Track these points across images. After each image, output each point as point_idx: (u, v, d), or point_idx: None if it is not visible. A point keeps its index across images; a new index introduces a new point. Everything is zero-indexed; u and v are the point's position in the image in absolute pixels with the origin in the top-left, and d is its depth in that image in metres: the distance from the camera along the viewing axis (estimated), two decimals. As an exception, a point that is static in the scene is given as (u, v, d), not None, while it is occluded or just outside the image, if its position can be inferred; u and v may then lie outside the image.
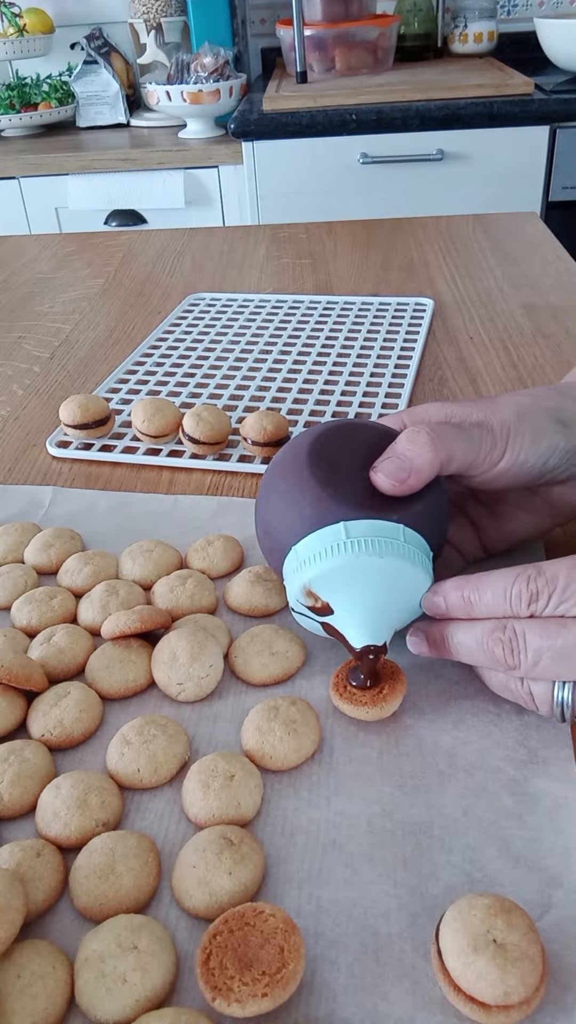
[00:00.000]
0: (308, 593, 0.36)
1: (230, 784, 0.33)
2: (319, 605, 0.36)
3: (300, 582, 0.36)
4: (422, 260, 0.93)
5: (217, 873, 0.30)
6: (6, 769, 0.35)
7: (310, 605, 0.37)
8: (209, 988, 0.27)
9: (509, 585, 0.34)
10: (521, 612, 0.33)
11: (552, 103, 1.66)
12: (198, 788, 0.33)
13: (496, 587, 0.34)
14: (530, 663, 0.33)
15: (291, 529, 0.37)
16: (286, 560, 0.37)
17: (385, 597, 0.36)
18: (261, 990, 0.26)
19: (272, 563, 0.40)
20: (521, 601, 0.33)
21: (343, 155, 1.73)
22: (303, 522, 0.36)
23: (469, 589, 0.35)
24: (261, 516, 0.39)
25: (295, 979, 0.27)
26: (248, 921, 0.28)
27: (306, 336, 0.76)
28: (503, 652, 0.33)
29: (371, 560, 0.35)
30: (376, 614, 0.36)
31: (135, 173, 1.83)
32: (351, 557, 0.35)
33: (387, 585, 0.36)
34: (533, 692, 0.34)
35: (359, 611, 0.36)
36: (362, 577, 0.35)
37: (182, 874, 0.31)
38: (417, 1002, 0.27)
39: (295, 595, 0.37)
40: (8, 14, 1.96)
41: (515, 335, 0.75)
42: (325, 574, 0.35)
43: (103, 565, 0.46)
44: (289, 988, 0.26)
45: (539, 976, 0.26)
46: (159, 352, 0.74)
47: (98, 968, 0.28)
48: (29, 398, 0.69)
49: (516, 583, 0.33)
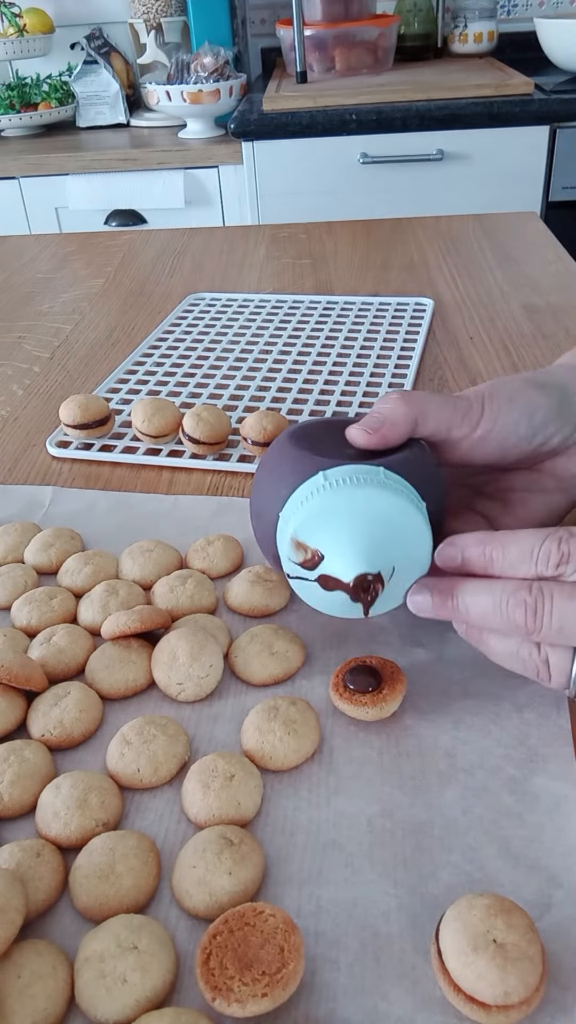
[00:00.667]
0: (297, 546, 0.36)
1: (230, 784, 0.33)
2: (310, 556, 0.36)
3: (288, 537, 0.36)
4: (422, 260, 0.93)
5: (217, 873, 0.30)
6: (6, 769, 0.35)
7: (302, 560, 0.36)
8: (209, 988, 0.27)
9: (538, 544, 0.32)
10: (547, 573, 0.32)
11: (552, 103, 1.66)
12: (198, 788, 0.33)
13: (523, 545, 0.33)
14: (554, 629, 0.31)
15: (276, 496, 0.37)
16: (277, 532, 0.37)
17: (374, 530, 0.35)
18: (261, 990, 0.26)
19: (266, 550, 0.40)
20: (549, 561, 0.32)
21: (343, 155, 1.73)
22: (286, 484, 0.37)
23: (493, 545, 0.33)
24: (252, 506, 0.40)
25: (295, 979, 0.27)
26: (248, 921, 0.28)
27: (306, 336, 0.76)
28: (525, 615, 0.32)
29: (352, 493, 0.35)
30: (366, 546, 0.35)
31: (135, 173, 1.83)
32: (331, 495, 0.35)
33: (374, 519, 0.35)
34: (551, 661, 0.33)
35: (347, 546, 0.36)
36: (346, 514, 0.35)
37: (182, 874, 0.31)
38: (417, 1002, 0.27)
39: (287, 555, 0.37)
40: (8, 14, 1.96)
41: (515, 335, 0.75)
42: (309, 519, 0.35)
43: (103, 565, 0.46)
44: (289, 988, 0.26)
45: (539, 976, 0.26)
46: (159, 352, 0.74)
47: (98, 968, 0.28)
48: (29, 398, 0.69)
49: (547, 542, 0.32)
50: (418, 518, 0.35)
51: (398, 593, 0.37)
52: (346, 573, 0.36)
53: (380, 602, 0.37)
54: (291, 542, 0.36)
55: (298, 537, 0.36)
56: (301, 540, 0.36)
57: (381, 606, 0.37)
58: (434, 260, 0.93)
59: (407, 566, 0.36)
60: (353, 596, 0.36)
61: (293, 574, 0.37)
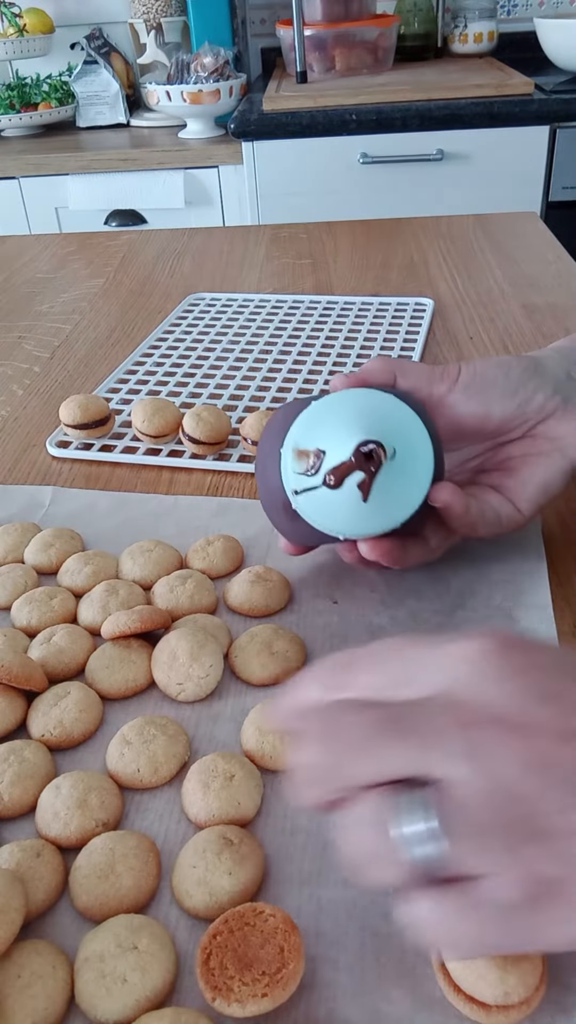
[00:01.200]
0: (299, 455, 0.38)
1: (230, 784, 0.33)
2: (312, 459, 0.37)
3: (290, 454, 0.38)
4: (422, 260, 0.93)
5: (217, 873, 0.30)
6: (6, 769, 0.35)
7: (306, 468, 0.38)
8: (209, 988, 0.27)
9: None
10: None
11: (552, 103, 1.66)
12: (198, 788, 0.33)
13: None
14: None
15: (276, 441, 0.40)
16: (281, 469, 0.39)
17: (367, 415, 0.38)
18: (261, 990, 0.26)
19: (274, 513, 0.41)
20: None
21: (343, 155, 1.73)
22: (283, 427, 0.39)
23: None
24: (258, 478, 0.42)
25: (295, 979, 0.27)
26: (248, 921, 0.28)
27: (306, 336, 0.76)
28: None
29: (342, 394, 0.39)
30: (360, 423, 0.37)
31: (135, 173, 1.83)
32: (322, 402, 0.39)
33: (364, 409, 0.38)
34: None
35: (343, 429, 0.37)
36: (339, 409, 0.38)
37: (182, 874, 0.31)
38: (417, 1002, 0.27)
39: (292, 472, 0.38)
40: (8, 14, 1.96)
41: (515, 335, 0.75)
42: (305, 425, 0.38)
43: (103, 565, 0.46)
44: (289, 988, 0.26)
45: (539, 976, 0.26)
46: (159, 352, 0.74)
47: (98, 968, 0.28)
48: (29, 398, 0.69)
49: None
50: (407, 410, 0.38)
51: (402, 493, 0.38)
52: (346, 450, 0.37)
53: (384, 496, 0.37)
54: (293, 454, 0.38)
55: (298, 446, 0.38)
56: (301, 447, 0.38)
57: (386, 506, 0.38)
58: (434, 260, 0.93)
59: (407, 455, 0.37)
60: (358, 466, 0.37)
61: (300, 489, 0.38)
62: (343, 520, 0.38)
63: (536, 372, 0.43)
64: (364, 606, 0.44)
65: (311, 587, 0.45)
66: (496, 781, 0.24)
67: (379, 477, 0.37)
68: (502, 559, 0.46)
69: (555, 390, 0.43)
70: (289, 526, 0.41)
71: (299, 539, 0.43)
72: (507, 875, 0.23)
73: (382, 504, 0.37)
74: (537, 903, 0.23)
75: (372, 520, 0.38)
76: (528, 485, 0.43)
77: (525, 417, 0.43)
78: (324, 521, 0.38)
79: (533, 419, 0.43)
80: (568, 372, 0.44)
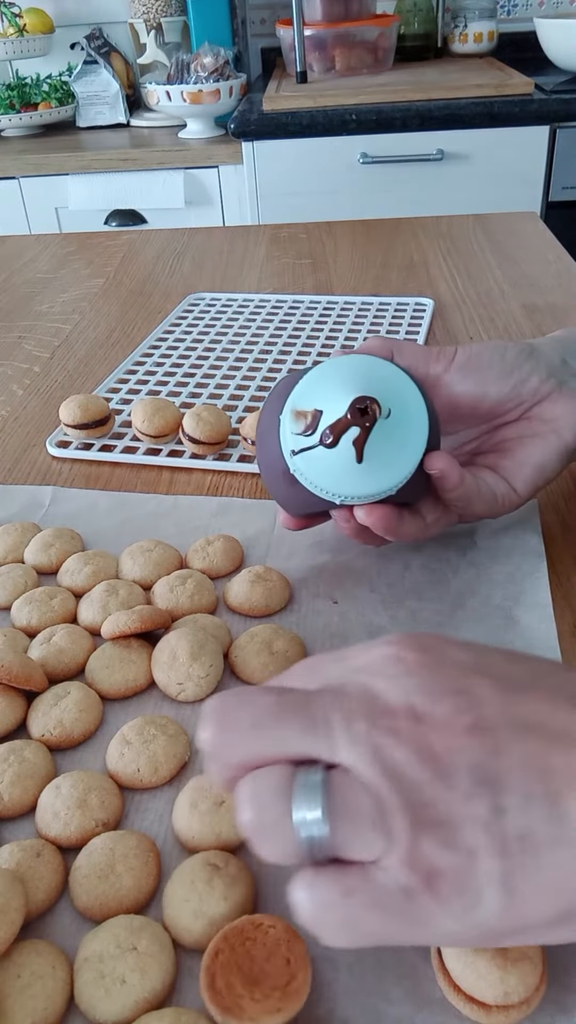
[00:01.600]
0: (297, 415, 0.39)
1: (218, 810, 0.33)
2: (309, 418, 0.38)
3: (288, 416, 0.39)
4: (422, 260, 0.93)
5: (212, 901, 0.29)
6: (6, 769, 0.35)
7: (303, 428, 0.38)
8: (221, 1010, 0.26)
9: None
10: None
11: (552, 103, 1.66)
12: (186, 806, 0.33)
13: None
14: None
15: (275, 411, 0.40)
16: (280, 435, 0.40)
17: (362, 376, 0.38)
18: (275, 1004, 0.26)
19: (273, 485, 0.42)
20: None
21: (343, 155, 1.73)
22: (284, 394, 0.40)
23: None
24: (258, 449, 0.43)
25: (305, 988, 0.26)
26: (249, 936, 0.28)
27: (306, 336, 0.76)
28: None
29: (338, 359, 0.40)
30: (355, 382, 0.38)
31: (135, 173, 1.83)
32: (320, 367, 0.40)
33: (360, 371, 0.39)
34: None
35: (339, 388, 0.38)
36: (336, 372, 0.39)
37: (176, 910, 0.29)
38: (417, 1002, 0.27)
39: (290, 433, 0.39)
40: (8, 14, 1.96)
41: (515, 335, 0.75)
42: (303, 388, 0.39)
43: (103, 565, 0.46)
44: (301, 999, 0.26)
45: (539, 976, 0.26)
46: (159, 352, 0.74)
47: (97, 969, 0.28)
48: (29, 398, 0.69)
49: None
50: (403, 375, 0.39)
51: (397, 454, 0.38)
52: (342, 407, 0.38)
53: (379, 458, 0.38)
54: (291, 415, 0.39)
55: (296, 407, 0.39)
56: (299, 408, 0.39)
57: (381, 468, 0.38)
58: (434, 260, 0.93)
59: (402, 416, 0.38)
60: (353, 422, 0.37)
61: (298, 448, 0.39)
62: (339, 480, 0.38)
63: (531, 355, 0.43)
64: (364, 606, 0.44)
65: (311, 587, 0.45)
66: (390, 768, 0.23)
67: (374, 437, 0.37)
68: (502, 559, 0.46)
69: (549, 373, 0.43)
70: (288, 493, 0.41)
71: (297, 508, 0.43)
72: (393, 862, 0.23)
73: (377, 465, 0.38)
74: (428, 892, 0.23)
75: (367, 481, 0.38)
76: (524, 466, 0.43)
77: (520, 399, 0.43)
78: (321, 482, 0.39)
79: (528, 401, 0.43)
80: (563, 357, 0.45)
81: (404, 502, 0.41)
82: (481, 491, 0.42)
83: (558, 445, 0.43)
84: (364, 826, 0.23)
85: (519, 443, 0.44)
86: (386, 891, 0.23)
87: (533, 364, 0.43)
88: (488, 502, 0.42)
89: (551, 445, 0.43)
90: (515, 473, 0.43)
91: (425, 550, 0.46)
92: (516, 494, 0.43)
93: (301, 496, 0.40)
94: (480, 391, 0.43)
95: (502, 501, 0.43)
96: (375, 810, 0.23)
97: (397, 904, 0.23)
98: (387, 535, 0.41)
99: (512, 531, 0.48)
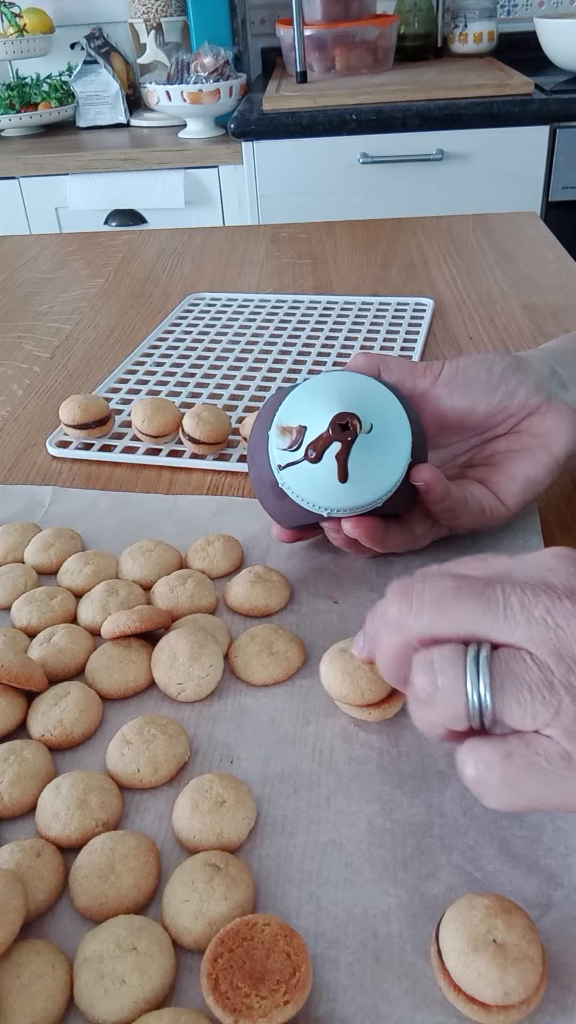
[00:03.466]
0: (283, 431, 0.39)
1: (219, 809, 0.33)
2: (294, 434, 0.39)
3: (275, 427, 0.40)
4: (422, 260, 0.93)
5: (212, 901, 0.29)
6: (6, 769, 0.35)
7: (289, 443, 0.39)
8: (229, 1012, 0.26)
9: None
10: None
11: (552, 103, 1.66)
12: (187, 806, 0.33)
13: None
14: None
15: (266, 424, 0.41)
16: (268, 449, 0.40)
17: (346, 392, 0.39)
18: (282, 998, 0.26)
19: (264, 495, 0.42)
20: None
21: (343, 155, 1.73)
22: (272, 410, 0.41)
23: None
24: (249, 463, 0.43)
25: (309, 979, 0.27)
26: (245, 936, 0.28)
27: (306, 336, 0.76)
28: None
29: (324, 376, 0.40)
30: (338, 398, 0.39)
31: (135, 173, 1.83)
32: (305, 384, 0.41)
33: (344, 388, 0.39)
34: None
35: (322, 405, 0.39)
36: (321, 389, 0.40)
37: (176, 911, 0.30)
38: (417, 1002, 0.27)
39: (276, 448, 0.40)
40: (8, 14, 1.96)
41: (515, 335, 0.75)
42: (289, 404, 0.40)
43: (103, 565, 0.46)
44: (307, 989, 0.27)
45: (539, 976, 0.26)
46: (159, 352, 0.74)
47: (97, 969, 0.28)
48: (29, 398, 0.69)
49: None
50: (385, 391, 0.40)
51: (380, 467, 0.39)
52: (324, 422, 0.38)
53: (363, 471, 0.38)
54: (277, 431, 0.39)
55: (282, 423, 0.39)
56: (285, 424, 0.39)
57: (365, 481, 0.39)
58: (434, 260, 0.93)
59: (385, 430, 0.39)
60: (334, 437, 0.38)
61: (284, 463, 0.39)
62: (325, 494, 0.39)
63: (519, 368, 0.44)
64: (364, 606, 0.43)
65: (311, 587, 0.45)
66: (566, 648, 0.26)
67: (356, 451, 0.38)
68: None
69: (538, 386, 0.43)
70: (277, 506, 0.42)
71: (288, 520, 0.43)
72: (558, 731, 0.25)
73: (361, 478, 0.39)
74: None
75: (352, 494, 0.39)
76: (513, 480, 0.43)
77: (508, 412, 0.43)
78: (308, 496, 0.39)
79: (517, 414, 0.44)
80: (553, 368, 0.45)
81: (391, 514, 0.41)
82: (469, 503, 0.42)
83: (547, 460, 0.43)
84: (531, 696, 0.26)
85: (509, 457, 0.44)
86: (547, 756, 0.26)
87: (520, 377, 0.43)
88: (476, 515, 0.43)
89: (540, 460, 0.44)
90: (504, 487, 0.43)
91: (425, 551, 0.46)
92: (505, 507, 0.43)
93: (290, 509, 0.41)
94: (467, 405, 0.43)
95: (490, 514, 0.43)
96: (544, 683, 0.26)
97: (557, 768, 0.25)
98: (374, 546, 0.41)
99: (512, 531, 0.48)
